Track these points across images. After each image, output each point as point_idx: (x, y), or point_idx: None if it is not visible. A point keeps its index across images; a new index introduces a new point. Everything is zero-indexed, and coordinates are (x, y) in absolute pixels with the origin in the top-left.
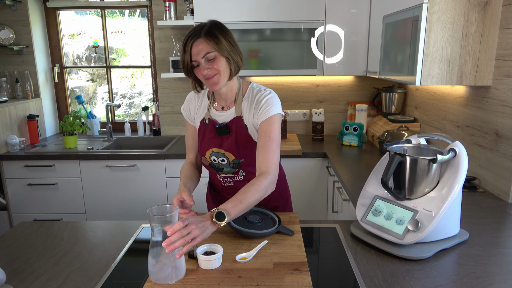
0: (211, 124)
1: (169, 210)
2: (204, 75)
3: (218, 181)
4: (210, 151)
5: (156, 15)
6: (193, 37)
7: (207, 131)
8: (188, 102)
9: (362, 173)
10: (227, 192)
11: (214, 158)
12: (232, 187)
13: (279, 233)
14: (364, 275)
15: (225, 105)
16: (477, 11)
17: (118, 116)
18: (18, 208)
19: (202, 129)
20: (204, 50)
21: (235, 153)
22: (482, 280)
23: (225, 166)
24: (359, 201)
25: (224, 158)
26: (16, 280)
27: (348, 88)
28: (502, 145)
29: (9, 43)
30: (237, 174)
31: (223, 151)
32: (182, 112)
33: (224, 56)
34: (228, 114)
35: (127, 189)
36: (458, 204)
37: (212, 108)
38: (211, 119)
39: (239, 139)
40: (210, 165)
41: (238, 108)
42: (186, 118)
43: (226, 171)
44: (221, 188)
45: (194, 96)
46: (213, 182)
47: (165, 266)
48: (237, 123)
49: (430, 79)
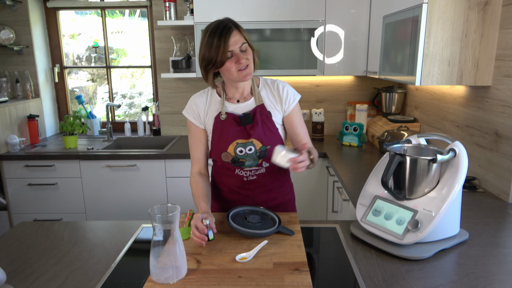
0: (230, 117)
1: (170, 209)
2: (242, 64)
3: (239, 177)
4: (235, 143)
5: (156, 15)
6: (227, 28)
7: (227, 125)
8: (193, 104)
9: (362, 173)
10: (247, 188)
11: (240, 150)
12: (254, 181)
13: (279, 233)
14: (364, 275)
15: (240, 98)
16: (477, 11)
17: (118, 116)
18: (18, 208)
19: (218, 125)
20: (240, 40)
21: (263, 140)
22: (482, 280)
23: (249, 157)
24: (359, 201)
25: (252, 146)
26: (16, 280)
27: (348, 88)
28: (502, 145)
29: (9, 43)
30: (260, 166)
31: (251, 139)
32: (187, 116)
33: (251, 48)
34: (245, 105)
35: (127, 189)
36: (458, 204)
37: (226, 102)
38: (229, 112)
39: (264, 126)
40: (232, 160)
41: (258, 97)
42: (193, 121)
43: (249, 164)
44: (242, 184)
45: (198, 97)
46: (230, 181)
47: (166, 265)
48: (260, 111)
49: (430, 79)
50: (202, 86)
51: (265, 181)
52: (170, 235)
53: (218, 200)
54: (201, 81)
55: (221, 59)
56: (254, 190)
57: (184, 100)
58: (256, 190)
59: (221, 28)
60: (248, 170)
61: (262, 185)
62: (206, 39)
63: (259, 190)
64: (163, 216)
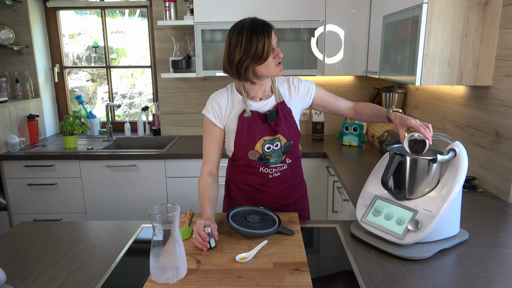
0: (255, 115)
1: (170, 209)
2: (280, 58)
3: (264, 174)
4: (262, 141)
5: (156, 15)
6: (267, 24)
7: (252, 122)
8: (215, 103)
9: (362, 173)
10: (271, 185)
11: (268, 146)
12: (278, 177)
13: (279, 233)
14: (364, 275)
15: (262, 96)
16: (477, 11)
17: (118, 116)
18: (18, 208)
19: (244, 124)
20: (276, 36)
21: (287, 135)
22: (482, 280)
23: (275, 153)
24: (359, 201)
25: (278, 142)
26: (16, 280)
27: (348, 88)
28: (502, 145)
29: (9, 43)
30: (284, 162)
31: (278, 135)
32: (208, 115)
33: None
34: (267, 102)
35: (127, 189)
36: (458, 204)
37: (249, 101)
38: (253, 110)
39: (287, 122)
40: (258, 157)
41: (278, 95)
42: (213, 121)
43: (274, 161)
44: (266, 181)
45: (220, 97)
46: (254, 180)
47: (166, 266)
48: (282, 107)
49: (430, 79)
50: (202, 86)
51: (287, 177)
52: (170, 235)
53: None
54: (201, 81)
55: (267, 53)
56: (277, 187)
57: (184, 100)
58: (279, 187)
59: (261, 24)
60: (274, 167)
61: (284, 181)
62: (244, 36)
63: (282, 186)
64: (163, 216)
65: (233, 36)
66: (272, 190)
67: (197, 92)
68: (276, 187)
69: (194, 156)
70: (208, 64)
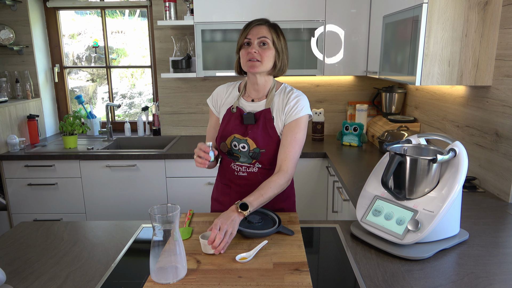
0: (238, 112)
1: (170, 209)
2: (250, 52)
3: (231, 170)
4: (232, 137)
5: (156, 15)
6: (258, 22)
7: (233, 118)
8: (215, 92)
9: (362, 173)
10: (237, 183)
11: (235, 144)
12: (244, 177)
13: (279, 233)
14: (364, 275)
15: (256, 97)
16: (477, 11)
17: (118, 116)
18: (18, 208)
19: (227, 116)
20: (262, 33)
21: (258, 142)
22: (482, 280)
23: (243, 154)
24: (359, 201)
25: (246, 144)
26: (16, 280)
27: (348, 88)
28: (502, 145)
29: (9, 43)
30: (253, 165)
31: (247, 137)
32: (208, 102)
33: (275, 49)
34: (257, 105)
35: (127, 189)
36: (458, 204)
37: (241, 98)
38: (239, 107)
39: (264, 129)
40: (227, 152)
41: (269, 101)
42: (211, 108)
43: (243, 161)
44: (233, 178)
45: (223, 89)
46: (225, 173)
47: (166, 266)
48: (265, 114)
49: (430, 79)
50: (202, 86)
51: (255, 180)
52: (170, 235)
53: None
54: (201, 81)
55: (240, 43)
56: (243, 187)
57: (184, 100)
58: (245, 188)
59: (254, 20)
60: (241, 165)
61: (252, 184)
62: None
63: (249, 188)
64: (163, 216)
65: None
66: (239, 189)
67: (197, 92)
68: (242, 186)
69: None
70: (208, 64)
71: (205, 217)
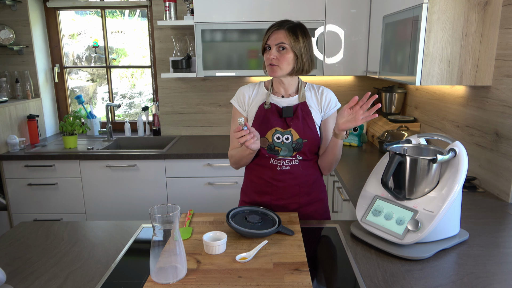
0: (273, 107)
1: (170, 209)
2: (269, 59)
3: (271, 166)
4: (274, 130)
5: (156, 15)
6: (276, 27)
7: (269, 113)
8: (240, 93)
9: (362, 173)
10: (280, 179)
11: (278, 136)
12: (287, 171)
13: (279, 233)
14: (364, 275)
15: (285, 94)
16: (477, 11)
17: (118, 116)
18: (18, 208)
19: (262, 113)
20: (280, 39)
21: (301, 132)
22: (482, 280)
23: (285, 146)
24: (359, 201)
25: (289, 136)
26: (16, 280)
27: (348, 88)
28: (502, 145)
29: (9, 43)
30: (294, 157)
31: (290, 128)
32: (234, 102)
33: (294, 53)
34: (289, 100)
35: (127, 189)
36: (458, 204)
37: (272, 95)
38: (272, 103)
39: (304, 121)
40: (268, 147)
41: (302, 96)
42: (237, 108)
43: (283, 154)
44: (275, 174)
45: (249, 88)
46: (263, 171)
47: (166, 266)
48: (302, 107)
49: (430, 79)
50: (202, 86)
51: (298, 173)
52: (170, 235)
53: (250, 194)
54: (201, 81)
55: (262, 48)
56: (286, 182)
57: (184, 100)
58: (288, 182)
59: (273, 25)
60: (283, 159)
61: (295, 177)
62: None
63: (292, 182)
64: (163, 216)
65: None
66: (282, 184)
67: (197, 92)
68: (285, 181)
69: (194, 156)
70: (208, 64)
71: (205, 217)
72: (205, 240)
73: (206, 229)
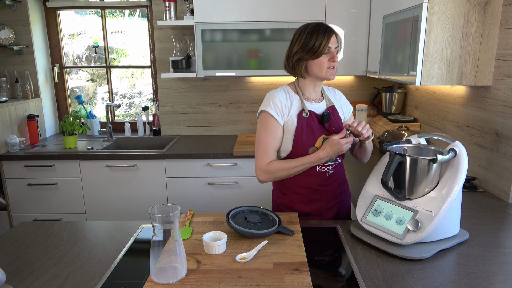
0: (312, 115)
1: (170, 209)
2: (334, 62)
3: (319, 174)
4: (322, 138)
5: (156, 15)
6: (330, 29)
7: (311, 122)
8: (277, 100)
9: (362, 173)
10: (328, 183)
11: None
12: (334, 174)
13: (279, 233)
14: (364, 275)
15: (315, 98)
16: (477, 11)
17: (118, 116)
18: (18, 208)
19: (303, 122)
20: (335, 43)
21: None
22: (482, 280)
23: None
24: (359, 201)
25: None
26: (16, 280)
27: (348, 88)
28: (502, 145)
29: (9, 43)
30: (336, 160)
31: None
32: (271, 111)
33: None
34: (320, 105)
35: (127, 189)
36: (458, 204)
37: (305, 101)
38: (310, 110)
39: (338, 124)
40: None
41: (328, 99)
42: (275, 117)
43: (329, 160)
44: (324, 180)
45: (279, 95)
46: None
47: (166, 266)
48: (333, 110)
49: (430, 79)
50: (202, 86)
51: (340, 173)
52: (170, 235)
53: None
54: (201, 81)
55: (321, 50)
56: (332, 185)
57: (184, 100)
58: (334, 184)
59: (325, 26)
60: (330, 165)
61: (338, 178)
62: (307, 32)
63: (336, 183)
64: (163, 216)
65: (297, 33)
66: (329, 188)
67: (197, 92)
68: (331, 185)
69: (194, 156)
70: (208, 64)
71: (205, 217)
72: (205, 240)
73: (206, 229)
